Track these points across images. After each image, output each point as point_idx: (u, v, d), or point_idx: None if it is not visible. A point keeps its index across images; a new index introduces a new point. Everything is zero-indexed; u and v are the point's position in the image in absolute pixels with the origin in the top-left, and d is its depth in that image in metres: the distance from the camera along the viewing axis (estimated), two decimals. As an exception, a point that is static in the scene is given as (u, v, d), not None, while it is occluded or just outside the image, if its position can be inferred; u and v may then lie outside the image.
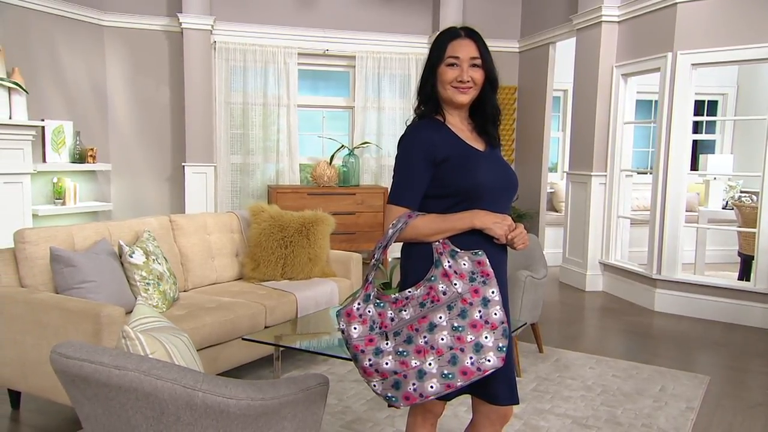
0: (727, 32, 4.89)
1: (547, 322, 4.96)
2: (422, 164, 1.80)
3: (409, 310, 1.75)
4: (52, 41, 5.75)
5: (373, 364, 1.73)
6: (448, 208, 1.82)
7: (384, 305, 1.77)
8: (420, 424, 1.99)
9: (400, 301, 1.77)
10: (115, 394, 1.64)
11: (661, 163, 5.27)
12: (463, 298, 1.73)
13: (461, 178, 1.80)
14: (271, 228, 3.93)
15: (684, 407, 3.32)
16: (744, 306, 4.94)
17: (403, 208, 1.82)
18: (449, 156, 1.81)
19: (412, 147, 1.83)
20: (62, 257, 2.77)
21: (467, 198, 1.81)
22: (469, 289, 1.74)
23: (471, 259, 1.76)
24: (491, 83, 1.91)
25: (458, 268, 1.75)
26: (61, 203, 5.71)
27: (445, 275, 1.75)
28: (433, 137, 1.83)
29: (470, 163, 1.82)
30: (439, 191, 1.82)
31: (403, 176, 1.84)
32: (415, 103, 1.94)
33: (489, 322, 1.72)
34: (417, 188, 1.82)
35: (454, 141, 1.85)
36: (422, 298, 1.75)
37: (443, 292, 1.74)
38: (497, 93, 1.96)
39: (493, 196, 1.83)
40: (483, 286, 1.74)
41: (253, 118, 6.73)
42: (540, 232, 7.17)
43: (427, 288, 1.76)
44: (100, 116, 6.33)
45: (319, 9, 6.88)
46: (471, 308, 1.72)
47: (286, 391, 1.86)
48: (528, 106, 7.33)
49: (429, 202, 1.83)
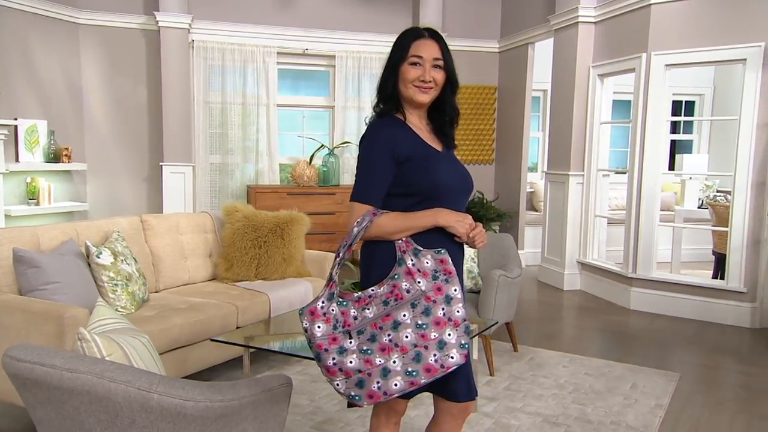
0: (700, 33, 4.94)
1: (524, 321, 4.98)
2: (385, 162, 1.81)
3: (372, 308, 1.75)
4: (25, 39, 5.68)
5: (336, 362, 1.72)
6: (409, 207, 1.83)
7: (347, 304, 1.77)
8: (384, 424, 1.99)
9: (363, 300, 1.77)
10: (67, 397, 1.62)
11: (636, 163, 5.31)
12: (426, 296, 1.74)
13: (423, 178, 1.82)
14: (244, 228, 3.91)
15: (653, 404, 3.35)
16: (717, 304, 4.99)
17: (367, 206, 1.82)
18: (412, 155, 1.82)
19: (376, 145, 1.83)
20: (25, 258, 2.73)
21: (428, 197, 1.83)
22: (433, 287, 1.75)
23: (434, 257, 1.77)
24: (452, 85, 1.93)
25: (421, 266, 1.76)
26: (35, 203, 5.64)
27: (409, 273, 1.76)
28: (396, 135, 1.84)
29: (431, 163, 1.84)
30: (401, 190, 1.83)
31: (367, 174, 1.84)
32: (374, 100, 1.94)
33: (452, 319, 1.73)
34: (381, 186, 1.83)
35: (415, 140, 1.87)
36: (385, 296, 1.75)
37: (407, 290, 1.74)
38: (456, 94, 1.97)
39: (452, 196, 1.86)
40: (446, 284, 1.76)
41: (232, 118, 6.69)
42: (519, 232, 7.20)
43: (391, 286, 1.76)
44: (75, 115, 6.27)
45: (299, 8, 6.85)
46: (434, 306, 1.73)
47: (245, 393, 1.85)
48: (508, 106, 7.36)
49: (391, 200, 1.84)
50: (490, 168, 7.66)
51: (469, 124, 7.49)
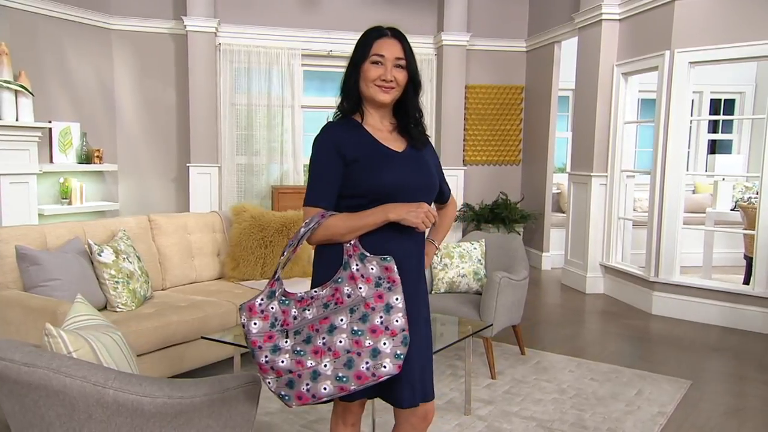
0: (724, 30, 4.77)
1: (540, 324, 4.92)
2: (333, 164, 1.82)
3: (312, 309, 1.75)
4: (60, 45, 5.92)
5: (269, 361, 1.72)
6: (359, 208, 1.82)
7: (289, 303, 1.76)
8: (341, 425, 2.01)
9: (305, 300, 1.76)
10: (27, 391, 1.69)
11: (659, 164, 5.17)
12: (366, 303, 1.72)
13: (367, 179, 1.81)
14: (251, 228, 3.99)
15: (656, 411, 3.26)
16: (743, 310, 4.81)
17: (317, 209, 1.83)
18: (358, 157, 1.82)
19: (323, 148, 1.85)
20: (27, 255, 2.86)
21: (376, 198, 1.81)
22: (374, 294, 1.73)
23: (379, 264, 1.75)
24: (414, 85, 1.92)
25: (366, 272, 1.75)
26: (67, 203, 5.88)
27: (352, 278, 1.75)
28: (344, 137, 1.84)
29: (378, 164, 1.83)
30: (349, 191, 1.83)
31: (317, 177, 1.85)
32: (338, 99, 1.95)
33: (389, 328, 1.71)
34: (330, 189, 1.83)
35: (365, 141, 1.86)
36: (326, 299, 1.75)
37: (348, 294, 1.73)
38: (420, 95, 1.97)
39: (405, 196, 1.82)
40: (388, 292, 1.73)
41: (257, 119, 6.81)
42: (545, 234, 7.10)
43: (333, 289, 1.75)
44: (107, 118, 6.49)
45: (323, 10, 6.92)
46: (373, 313, 1.71)
47: (207, 390, 1.89)
48: (534, 106, 7.26)
49: (341, 202, 1.85)
50: (516, 169, 7.57)
51: (496, 125, 7.42)
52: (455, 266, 4.02)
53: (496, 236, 4.33)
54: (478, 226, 6.90)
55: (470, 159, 7.37)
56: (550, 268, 7.11)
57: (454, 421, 3.09)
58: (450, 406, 3.28)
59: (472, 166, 7.38)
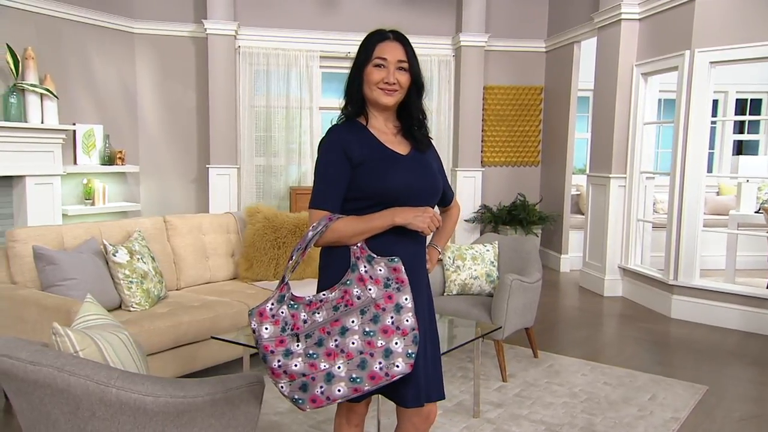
0: (745, 29, 4.68)
1: (556, 326, 4.88)
2: (340, 166, 1.83)
3: (322, 312, 1.77)
4: (84, 49, 6.04)
5: (282, 365, 1.74)
6: (364, 211, 1.84)
7: (298, 307, 1.79)
8: (345, 425, 2.02)
9: (314, 304, 1.78)
10: (33, 389, 1.74)
11: (678, 165, 5.09)
12: (376, 304, 1.75)
13: (373, 182, 1.82)
14: (264, 229, 4.03)
15: (669, 417, 3.22)
16: (765, 314, 4.71)
17: (324, 212, 1.84)
18: (364, 160, 1.84)
19: (330, 151, 1.86)
20: (44, 255, 2.94)
21: (381, 201, 1.83)
22: (383, 294, 1.75)
23: (387, 265, 1.78)
24: (417, 87, 1.93)
25: (374, 274, 1.77)
26: (90, 204, 6.00)
27: (361, 280, 1.77)
28: (350, 140, 1.86)
29: (383, 167, 1.84)
30: (355, 194, 1.85)
31: (322, 180, 1.87)
32: (342, 102, 1.96)
33: (400, 328, 1.73)
34: (337, 192, 1.85)
35: (371, 144, 1.87)
36: (336, 301, 1.77)
37: (357, 296, 1.76)
38: (423, 97, 1.98)
39: (409, 199, 1.84)
40: (397, 292, 1.76)
41: (276, 121, 6.88)
42: (564, 235, 7.04)
43: (342, 291, 1.78)
44: (129, 120, 6.61)
45: (341, 12, 6.96)
46: (383, 314, 1.74)
47: (210, 390, 1.92)
48: (553, 106, 7.20)
49: (346, 204, 1.86)
50: (535, 170, 7.52)
51: (515, 126, 7.39)
52: (468, 268, 4.02)
53: (510, 238, 4.31)
54: (496, 228, 6.88)
55: (488, 160, 7.35)
56: (569, 270, 7.04)
57: (462, 424, 3.09)
58: (459, 408, 3.28)
59: (490, 167, 7.35)
